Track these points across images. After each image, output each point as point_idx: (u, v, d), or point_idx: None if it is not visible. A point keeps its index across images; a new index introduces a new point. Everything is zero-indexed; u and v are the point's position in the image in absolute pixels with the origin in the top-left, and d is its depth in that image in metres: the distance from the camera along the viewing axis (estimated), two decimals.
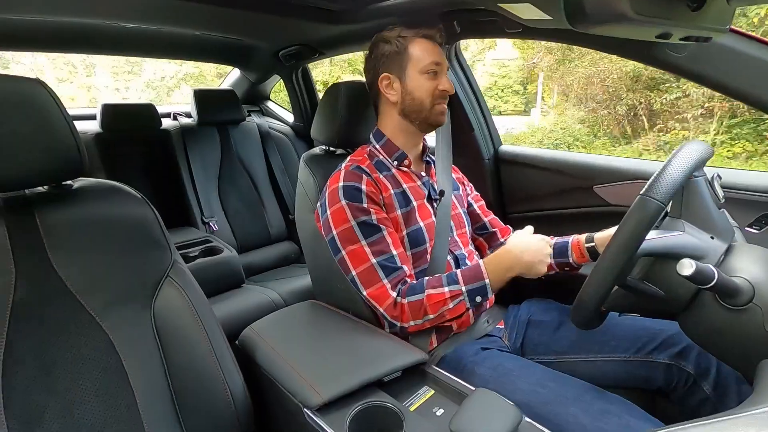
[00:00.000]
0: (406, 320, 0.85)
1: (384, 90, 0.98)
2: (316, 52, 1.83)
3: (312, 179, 1.06)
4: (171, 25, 1.52)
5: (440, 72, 0.97)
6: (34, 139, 0.65)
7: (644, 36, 0.72)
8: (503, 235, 1.14)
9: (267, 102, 2.50)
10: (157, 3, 1.21)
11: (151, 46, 1.81)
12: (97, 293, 0.69)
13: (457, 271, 0.88)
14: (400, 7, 1.17)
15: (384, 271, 0.87)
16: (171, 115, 2.07)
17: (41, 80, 0.68)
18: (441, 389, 0.73)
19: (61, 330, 0.66)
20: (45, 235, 0.68)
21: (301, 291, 1.59)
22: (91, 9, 1.27)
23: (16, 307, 0.63)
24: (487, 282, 0.85)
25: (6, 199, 0.69)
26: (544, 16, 0.77)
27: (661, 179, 0.60)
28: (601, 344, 0.89)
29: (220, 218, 1.90)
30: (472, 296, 0.85)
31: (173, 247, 0.78)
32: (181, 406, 0.71)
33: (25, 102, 0.65)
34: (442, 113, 0.99)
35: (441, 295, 0.84)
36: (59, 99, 0.69)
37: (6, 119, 0.63)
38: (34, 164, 0.65)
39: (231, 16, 1.42)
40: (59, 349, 0.65)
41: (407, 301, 0.85)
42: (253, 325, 0.91)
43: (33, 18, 1.32)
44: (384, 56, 0.98)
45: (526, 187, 1.47)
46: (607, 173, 1.24)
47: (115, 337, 0.68)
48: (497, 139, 1.54)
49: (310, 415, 0.66)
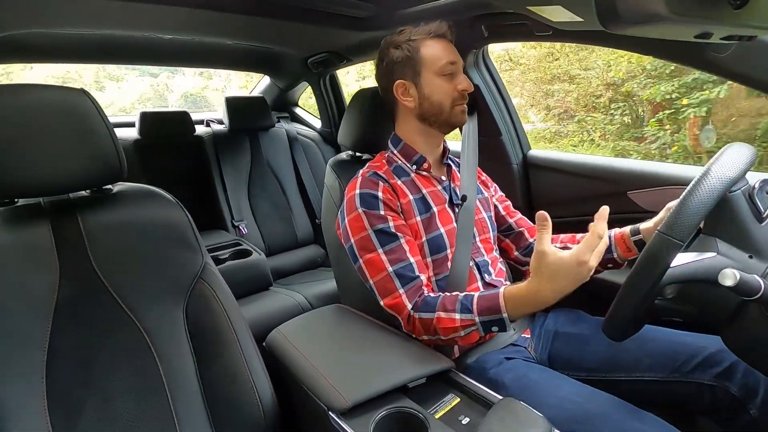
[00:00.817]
0: (419, 333, 0.83)
1: (400, 97, 0.96)
2: (344, 58, 1.86)
3: (338, 184, 1.07)
4: (205, 36, 1.58)
5: (456, 71, 0.94)
6: (79, 146, 0.69)
7: (682, 36, 0.70)
8: (532, 235, 1.09)
9: (295, 108, 2.55)
10: (193, 15, 1.26)
11: (186, 55, 1.89)
12: (133, 293, 0.72)
13: (475, 296, 0.79)
14: (428, 12, 1.17)
15: (401, 280, 0.85)
16: (204, 122, 2.15)
17: (86, 90, 0.72)
18: (467, 397, 0.72)
19: (100, 327, 0.69)
20: (86, 236, 0.71)
21: (327, 295, 1.61)
22: (132, 22, 1.34)
23: (59, 305, 0.66)
24: (505, 316, 0.76)
25: (51, 203, 0.73)
26: (575, 18, 0.75)
27: (681, 215, 0.57)
28: (635, 362, 0.84)
29: (250, 222, 1.95)
30: (486, 327, 0.78)
31: (205, 249, 0.81)
32: (210, 403, 0.72)
33: (70, 111, 0.69)
34: (463, 112, 0.95)
35: (452, 321, 0.78)
36: (101, 108, 0.73)
37: (54, 127, 0.67)
38: (78, 170, 0.69)
39: (262, 26, 1.46)
40: (98, 346, 0.68)
41: (419, 316, 0.82)
42: (280, 328, 0.92)
43: (77, 32, 1.40)
44: (395, 63, 0.95)
45: (556, 193, 1.43)
46: (642, 178, 1.20)
47: (150, 336, 0.71)
48: (526, 143, 1.51)
49: (335, 418, 0.66)
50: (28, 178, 0.66)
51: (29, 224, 0.69)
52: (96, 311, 0.69)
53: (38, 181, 0.67)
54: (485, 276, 0.96)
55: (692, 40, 0.68)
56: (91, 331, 0.68)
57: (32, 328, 0.64)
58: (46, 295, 0.66)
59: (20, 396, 0.61)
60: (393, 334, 0.86)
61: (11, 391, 0.60)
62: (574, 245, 1.00)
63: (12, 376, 0.61)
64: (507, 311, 0.75)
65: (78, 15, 1.22)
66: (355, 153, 1.19)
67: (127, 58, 1.88)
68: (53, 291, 0.67)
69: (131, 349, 0.70)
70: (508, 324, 0.77)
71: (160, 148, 1.91)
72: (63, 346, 0.65)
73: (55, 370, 0.64)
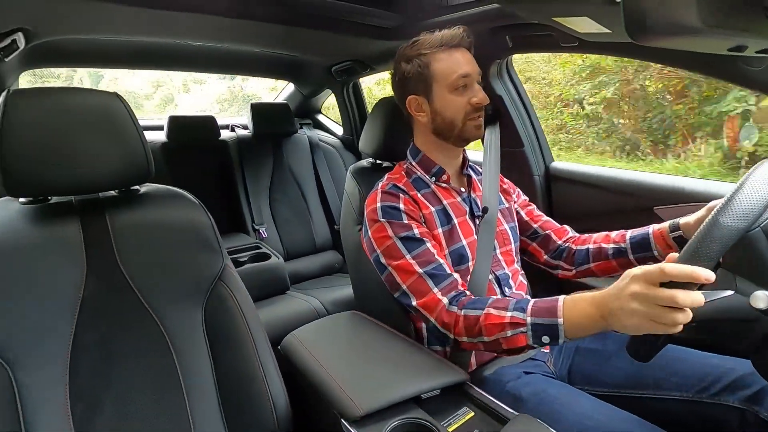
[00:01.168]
0: (459, 333, 0.78)
1: (413, 112, 0.95)
2: (367, 67, 1.88)
3: (358, 191, 1.07)
4: (233, 43, 1.63)
5: (470, 84, 0.91)
6: (110, 147, 0.72)
7: (714, 49, 0.68)
8: (560, 237, 1.05)
9: (318, 115, 2.59)
10: (222, 23, 1.30)
11: (215, 62, 1.94)
12: (155, 291, 0.74)
13: (533, 299, 0.75)
14: (452, 22, 1.17)
15: (433, 280, 0.83)
16: (229, 126, 2.20)
17: (118, 94, 0.75)
18: (481, 411, 0.71)
19: (122, 324, 0.70)
20: (113, 234, 0.74)
21: (343, 301, 1.61)
22: (164, 29, 1.39)
23: (85, 300, 0.69)
24: (560, 322, 0.69)
25: (82, 201, 0.76)
26: (602, 30, 0.74)
27: (703, 246, 0.54)
28: (660, 380, 0.81)
29: (270, 226, 1.98)
30: (537, 333, 0.71)
31: (225, 251, 0.82)
32: (224, 403, 0.73)
33: (104, 114, 0.72)
34: (478, 127, 0.93)
35: (501, 318, 0.74)
36: (133, 111, 0.75)
37: (88, 129, 0.70)
38: (108, 170, 0.72)
39: (289, 34, 1.49)
40: (119, 342, 0.69)
41: (464, 313, 0.78)
42: (296, 332, 0.93)
43: (112, 38, 1.46)
44: (407, 78, 0.93)
45: (579, 206, 1.40)
46: (670, 194, 1.16)
47: (169, 334, 0.73)
48: (549, 155, 1.49)
49: (347, 426, 0.66)
50: (63, 177, 0.68)
51: (60, 221, 0.71)
52: (119, 308, 0.71)
53: (72, 180, 0.69)
54: (505, 290, 0.94)
55: (725, 53, 0.66)
56: (113, 326, 0.70)
57: (59, 321, 0.66)
58: (73, 290, 0.68)
59: (45, 385, 0.63)
60: (408, 343, 0.86)
61: (36, 379, 0.62)
62: (607, 244, 0.98)
63: (38, 365, 0.63)
64: (564, 317, 0.69)
65: (113, 22, 1.28)
66: (375, 160, 1.20)
67: (158, 63, 1.96)
68: (80, 286, 0.69)
69: (151, 346, 0.71)
70: (562, 332, 0.69)
71: (186, 152, 1.96)
72: (87, 340, 0.67)
73: (78, 362, 0.66)
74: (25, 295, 0.64)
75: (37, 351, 0.63)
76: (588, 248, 1.01)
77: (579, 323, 0.68)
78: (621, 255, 0.95)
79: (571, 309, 0.69)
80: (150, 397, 0.69)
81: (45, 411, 0.62)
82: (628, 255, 0.94)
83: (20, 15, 1.08)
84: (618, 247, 0.95)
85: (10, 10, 1.04)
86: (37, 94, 0.70)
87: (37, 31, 1.19)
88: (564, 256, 1.05)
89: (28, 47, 1.22)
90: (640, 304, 0.56)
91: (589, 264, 1.00)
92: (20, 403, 0.60)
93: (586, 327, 0.67)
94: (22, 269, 0.65)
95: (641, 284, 0.57)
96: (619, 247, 0.95)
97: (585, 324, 0.67)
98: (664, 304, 0.54)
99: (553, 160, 1.49)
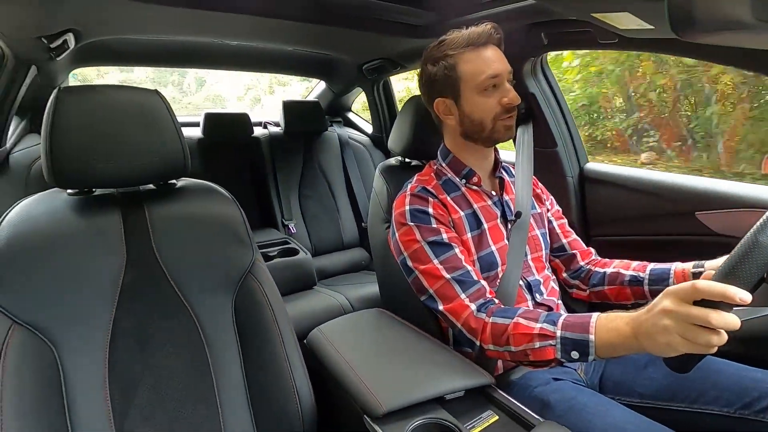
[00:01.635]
0: (485, 340, 0.77)
1: (441, 115, 0.94)
2: (398, 65, 1.87)
3: (386, 189, 1.07)
4: (268, 42, 1.66)
5: (500, 83, 0.87)
6: (150, 143, 0.75)
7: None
8: (584, 259, 1.04)
9: (348, 113, 2.61)
10: (258, 23, 1.33)
11: (249, 60, 1.99)
12: (189, 282, 0.76)
13: (564, 314, 0.74)
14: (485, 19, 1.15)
15: (460, 286, 0.82)
16: (262, 124, 2.25)
17: (159, 91, 0.78)
18: (506, 415, 0.70)
19: (158, 312, 0.73)
20: (151, 226, 0.77)
21: (369, 298, 1.62)
22: (203, 29, 1.43)
23: (124, 287, 0.72)
24: (591, 338, 0.66)
25: (123, 194, 0.79)
26: (644, 26, 0.71)
27: (745, 263, 0.51)
28: (698, 392, 0.77)
29: (299, 222, 2.01)
30: (566, 347, 0.69)
31: (255, 245, 0.84)
32: (252, 394, 0.75)
33: (146, 111, 0.76)
34: (508, 128, 0.89)
35: (530, 328, 0.72)
36: (172, 108, 0.78)
37: (131, 125, 0.74)
38: (148, 165, 0.75)
39: (321, 33, 1.51)
40: (154, 329, 0.72)
41: (492, 320, 0.77)
42: (322, 327, 0.94)
43: (156, 38, 1.53)
44: (433, 80, 0.91)
45: (614, 209, 1.35)
46: (713, 198, 1.10)
47: (201, 323, 0.75)
48: (583, 155, 1.44)
49: (370, 422, 0.66)
50: (107, 171, 0.72)
51: (103, 212, 0.75)
52: (155, 297, 0.74)
53: (115, 174, 0.73)
54: (536, 296, 0.92)
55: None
56: (149, 314, 0.73)
57: (100, 307, 0.70)
58: (113, 278, 0.72)
59: (86, 367, 0.66)
60: (433, 343, 0.85)
61: (79, 362, 0.66)
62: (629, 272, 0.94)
63: (79, 349, 0.67)
64: (596, 334, 0.66)
65: (156, 23, 1.33)
66: (404, 159, 1.19)
67: (197, 62, 2.03)
68: (119, 274, 0.72)
69: (184, 335, 0.74)
70: (593, 349, 0.66)
71: (220, 147, 2.02)
72: (124, 326, 0.71)
73: (116, 347, 0.69)
74: (70, 282, 0.68)
75: (80, 335, 0.67)
76: (605, 272, 0.99)
77: (610, 341, 0.65)
78: (637, 284, 0.92)
79: (604, 326, 0.66)
80: (182, 383, 0.72)
81: (86, 391, 0.65)
82: (643, 285, 0.91)
83: (70, 17, 1.15)
84: (636, 276, 0.93)
85: (62, 13, 1.11)
86: (85, 91, 0.74)
87: (86, 32, 1.26)
88: (582, 276, 1.03)
89: (77, 47, 1.29)
90: (671, 320, 0.54)
91: (603, 286, 0.98)
92: (64, 383, 0.64)
93: (618, 346, 0.64)
94: (68, 257, 0.69)
95: (673, 300, 0.54)
96: (637, 276, 0.93)
97: (617, 342, 0.64)
98: (696, 322, 0.52)
99: (587, 161, 1.44)
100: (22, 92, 1.33)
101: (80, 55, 1.44)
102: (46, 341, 0.64)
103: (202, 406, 0.72)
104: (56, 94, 0.70)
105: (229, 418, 0.73)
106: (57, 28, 1.16)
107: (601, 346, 0.66)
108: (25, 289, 0.65)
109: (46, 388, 0.63)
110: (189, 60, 1.95)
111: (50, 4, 1.04)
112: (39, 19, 1.10)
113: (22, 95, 1.35)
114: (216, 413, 0.72)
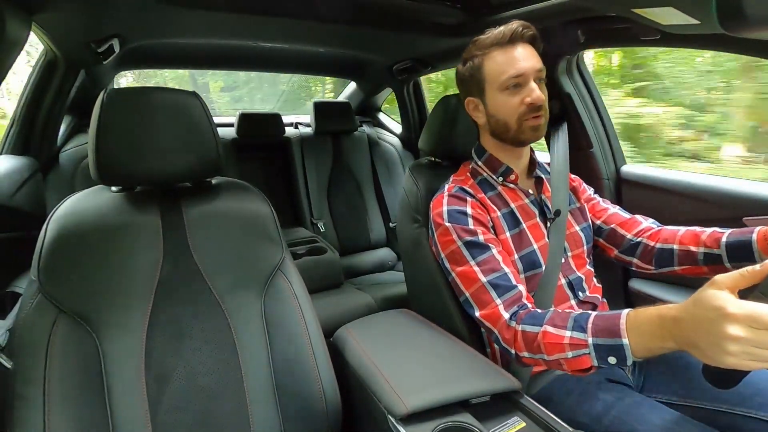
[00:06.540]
0: (519, 348, 0.75)
1: (472, 113, 0.95)
2: (428, 65, 1.87)
3: (416, 189, 1.07)
4: (300, 44, 1.69)
5: (524, 82, 0.85)
6: (187, 143, 0.78)
7: None
8: (629, 230, 0.97)
9: (378, 113, 2.62)
10: (291, 24, 1.36)
11: (282, 61, 2.04)
12: (221, 277, 0.79)
13: (593, 314, 0.69)
14: (519, 17, 1.13)
15: (496, 290, 0.80)
16: (294, 124, 2.29)
17: (197, 93, 0.81)
18: (533, 423, 0.68)
19: (191, 305, 0.76)
20: (187, 222, 0.80)
21: (395, 298, 1.62)
22: (239, 32, 1.48)
23: (161, 281, 0.75)
24: (625, 342, 0.62)
25: (162, 191, 0.83)
26: (689, 21, 0.67)
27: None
28: (742, 397, 0.73)
29: (327, 221, 2.04)
30: (601, 353, 0.65)
31: (285, 243, 0.86)
32: (279, 389, 0.77)
33: (184, 111, 0.78)
34: (535, 128, 0.86)
35: (559, 338, 0.69)
36: (208, 109, 0.81)
37: (170, 126, 0.77)
38: (185, 164, 0.78)
39: (353, 34, 1.53)
40: (188, 322, 0.75)
41: (521, 328, 0.74)
42: (348, 326, 0.95)
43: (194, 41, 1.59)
44: (463, 80, 0.93)
45: (653, 213, 1.28)
46: (761, 202, 1.04)
47: (232, 318, 0.77)
48: (620, 157, 1.39)
49: (394, 423, 0.66)
50: (150, 169, 0.76)
51: (143, 209, 0.79)
52: (189, 290, 0.77)
53: (157, 172, 0.76)
54: (579, 293, 0.90)
55: None
56: (183, 307, 0.76)
57: (139, 299, 0.73)
58: (151, 271, 0.75)
59: (124, 355, 0.70)
60: (460, 345, 0.84)
61: (118, 349, 0.69)
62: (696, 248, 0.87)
63: (120, 336, 0.70)
64: (628, 336, 0.62)
65: (195, 28, 1.39)
66: (434, 159, 1.19)
67: (233, 64, 2.09)
68: (157, 268, 0.75)
69: (215, 328, 0.76)
70: (629, 353, 0.62)
71: (253, 147, 2.07)
72: (161, 318, 0.74)
73: (152, 338, 0.72)
74: (113, 274, 0.72)
75: (119, 324, 0.70)
76: (673, 249, 0.90)
77: (645, 345, 0.61)
78: (714, 262, 0.84)
79: (636, 328, 0.62)
80: (213, 376, 0.74)
81: (124, 379, 0.69)
82: (723, 262, 0.83)
83: (116, 23, 1.21)
84: (710, 253, 0.85)
85: (109, 20, 1.17)
86: (130, 93, 0.77)
87: (130, 37, 1.33)
88: (639, 252, 0.95)
89: (122, 51, 1.36)
90: (741, 347, 0.48)
91: (673, 267, 0.91)
92: (105, 370, 0.68)
93: (655, 349, 0.60)
94: (111, 250, 0.73)
95: (745, 329, 0.48)
96: (711, 252, 0.85)
97: (653, 345, 0.60)
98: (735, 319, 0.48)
99: (625, 162, 1.39)
100: (72, 94, 1.42)
101: (124, 58, 1.51)
102: (89, 329, 0.68)
103: (232, 399, 0.74)
104: (103, 96, 0.73)
105: (256, 413, 0.74)
106: (104, 33, 1.23)
107: (638, 350, 0.62)
108: (71, 280, 0.69)
109: (88, 375, 0.66)
110: (224, 62, 2.01)
111: (98, 12, 1.10)
112: (88, 25, 1.16)
113: (72, 97, 1.44)
114: (245, 405, 0.74)
